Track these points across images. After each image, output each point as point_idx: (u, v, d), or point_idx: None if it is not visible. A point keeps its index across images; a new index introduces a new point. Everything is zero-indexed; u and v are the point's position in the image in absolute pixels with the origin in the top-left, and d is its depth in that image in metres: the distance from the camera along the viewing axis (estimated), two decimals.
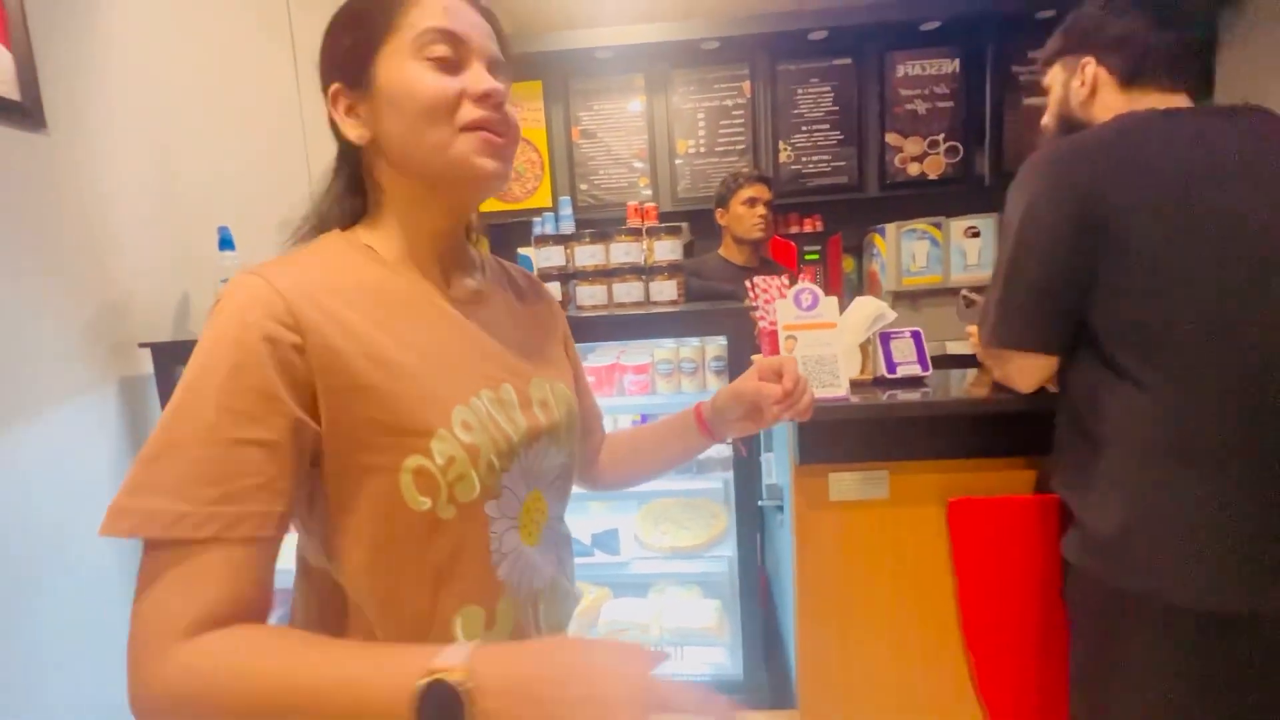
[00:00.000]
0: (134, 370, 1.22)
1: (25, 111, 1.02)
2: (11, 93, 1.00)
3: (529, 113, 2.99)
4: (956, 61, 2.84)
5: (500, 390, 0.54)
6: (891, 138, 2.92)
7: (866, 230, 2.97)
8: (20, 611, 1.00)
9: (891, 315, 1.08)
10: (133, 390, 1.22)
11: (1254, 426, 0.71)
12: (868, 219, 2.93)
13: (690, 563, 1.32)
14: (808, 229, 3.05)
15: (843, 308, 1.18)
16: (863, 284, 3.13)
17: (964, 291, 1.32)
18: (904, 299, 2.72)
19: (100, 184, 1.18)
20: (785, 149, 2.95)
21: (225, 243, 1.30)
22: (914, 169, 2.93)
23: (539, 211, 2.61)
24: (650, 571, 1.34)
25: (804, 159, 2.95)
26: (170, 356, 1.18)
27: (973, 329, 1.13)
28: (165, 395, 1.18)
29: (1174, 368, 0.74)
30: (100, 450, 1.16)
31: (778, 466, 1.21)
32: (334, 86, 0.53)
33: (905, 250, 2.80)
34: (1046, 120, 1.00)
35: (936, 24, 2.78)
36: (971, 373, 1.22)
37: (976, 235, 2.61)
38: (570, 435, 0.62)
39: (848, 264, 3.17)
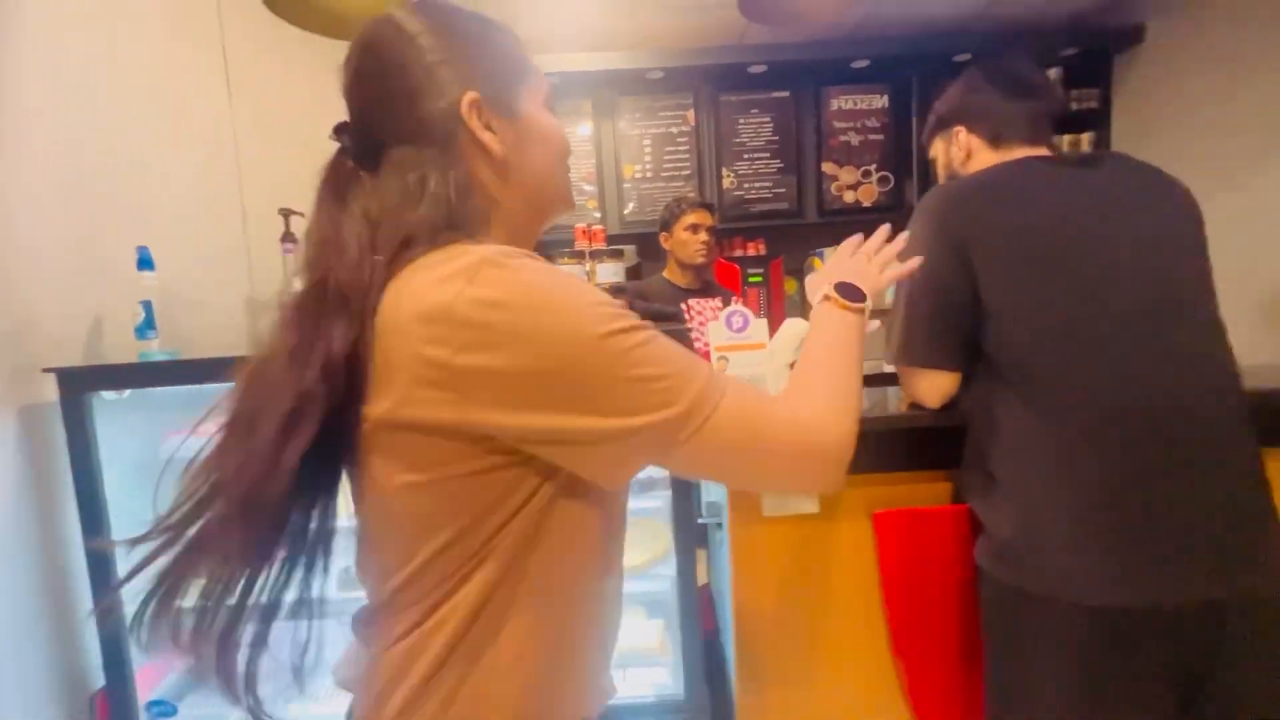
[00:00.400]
0: (37, 398, 1.14)
1: None
2: None
3: None
4: (885, 97, 3.03)
5: None
6: (828, 167, 3.06)
7: (807, 253, 3.10)
8: None
9: None
10: (34, 418, 1.14)
11: (1118, 441, 0.78)
12: (808, 243, 3.05)
13: (634, 583, 1.31)
14: (751, 252, 3.15)
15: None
16: (804, 306, 3.25)
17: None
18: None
19: (6, 198, 1.11)
20: (728, 175, 3.05)
21: (144, 263, 1.24)
22: (849, 196, 3.09)
23: None
24: None
25: (746, 185, 3.06)
26: (79, 383, 1.11)
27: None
28: (71, 423, 1.11)
29: (1047, 382, 0.82)
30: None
31: (715, 483, 1.23)
32: (472, 95, 0.52)
33: None
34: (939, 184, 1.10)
35: (866, 63, 2.96)
36: (898, 390, 1.28)
37: None
38: None
39: (790, 285, 3.29)
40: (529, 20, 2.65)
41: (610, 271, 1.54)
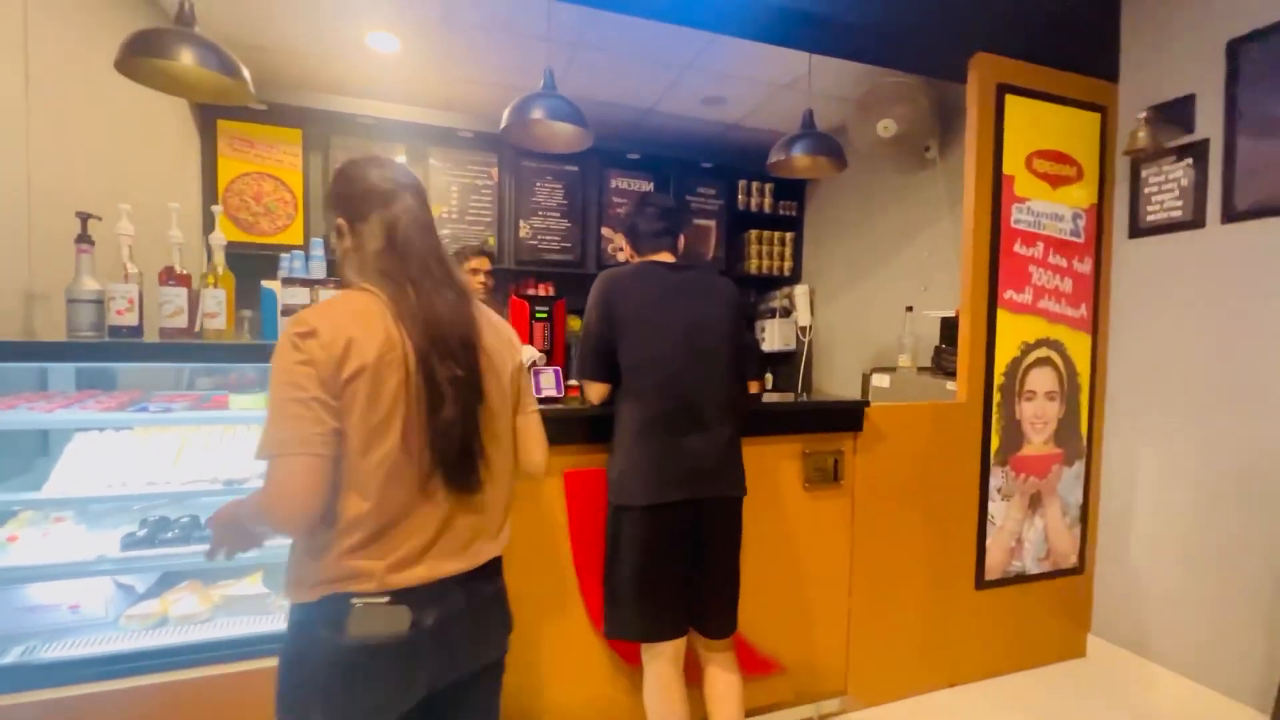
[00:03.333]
0: None
1: None
2: None
3: (286, 157, 3.17)
4: (651, 184, 3.90)
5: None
6: (606, 230, 3.81)
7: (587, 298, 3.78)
8: None
9: (542, 358, 1.71)
10: None
11: (667, 418, 1.48)
12: (587, 289, 3.74)
13: None
14: (541, 292, 3.74)
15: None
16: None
17: None
18: None
19: None
20: (525, 226, 3.63)
21: None
22: (621, 256, 3.86)
23: (289, 248, 2.84)
24: None
25: (539, 236, 3.67)
26: None
27: None
28: None
29: (642, 389, 1.49)
30: None
31: None
32: (340, 220, 1.00)
33: None
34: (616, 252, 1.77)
35: (638, 155, 3.81)
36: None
37: None
38: None
39: (575, 323, 3.94)
40: (348, 69, 2.98)
41: None
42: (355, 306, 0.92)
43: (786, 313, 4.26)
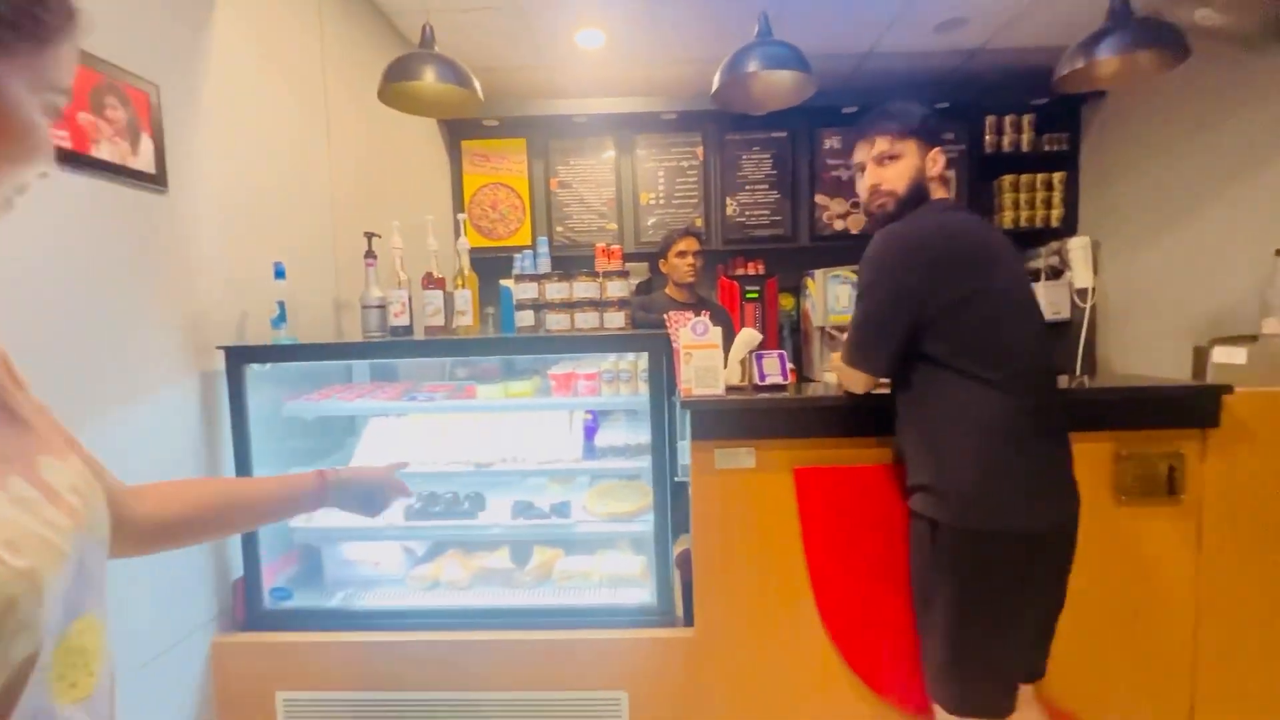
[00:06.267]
0: (207, 367, 1.61)
1: (156, 180, 1.44)
2: (149, 167, 1.43)
3: (514, 165, 3.47)
4: None
5: (9, 485, 0.41)
6: (820, 198, 3.47)
7: (800, 274, 3.49)
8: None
9: (760, 340, 1.54)
10: (206, 382, 1.61)
11: (1033, 415, 1.15)
12: (801, 265, 3.45)
13: (624, 525, 1.74)
14: (750, 271, 3.56)
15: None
16: (799, 320, 3.64)
17: (829, 329, 1.80)
18: (829, 333, 3.22)
19: (196, 228, 1.59)
20: (731, 204, 3.47)
21: (279, 274, 1.72)
22: (839, 225, 3.48)
23: (520, 248, 3.09)
24: (594, 532, 1.75)
25: (747, 213, 3.48)
26: (241, 357, 1.59)
27: (836, 356, 1.45)
28: (235, 387, 1.58)
29: (995, 376, 1.13)
30: (183, 426, 1.55)
31: (686, 450, 1.64)
32: None
33: (831, 293, 3.32)
34: (895, 184, 1.27)
35: (855, 109, 3.37)
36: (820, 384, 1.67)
37: None
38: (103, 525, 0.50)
39: (786, 301, 3.68)
40: (561, 71, 3.13)
41: (618, 288, 1.95)
42: None
43: (1056, 273, 3.41)
